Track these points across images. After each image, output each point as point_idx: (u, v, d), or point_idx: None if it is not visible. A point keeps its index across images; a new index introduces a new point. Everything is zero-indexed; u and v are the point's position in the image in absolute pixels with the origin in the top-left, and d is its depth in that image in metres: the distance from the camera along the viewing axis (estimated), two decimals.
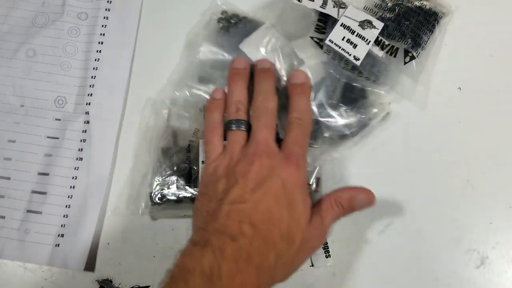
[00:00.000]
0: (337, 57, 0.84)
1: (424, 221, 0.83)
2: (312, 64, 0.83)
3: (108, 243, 0.83)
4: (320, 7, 0.85)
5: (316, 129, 0.82)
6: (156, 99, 0.87)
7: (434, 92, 0.87)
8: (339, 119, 0.82)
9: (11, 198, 0.85)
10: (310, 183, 0.81)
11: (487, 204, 0.83)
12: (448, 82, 0.88)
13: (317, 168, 0.82)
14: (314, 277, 0.81)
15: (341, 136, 0.83)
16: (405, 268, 0.82)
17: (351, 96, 0.83)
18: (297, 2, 0.84)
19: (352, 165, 0.85)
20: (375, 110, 0.83)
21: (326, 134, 0.82)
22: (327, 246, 0.80)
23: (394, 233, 0.82)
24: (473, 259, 0.81)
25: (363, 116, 0.83)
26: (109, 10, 0.94)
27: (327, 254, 0.80)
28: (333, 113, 0.82)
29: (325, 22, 0.86)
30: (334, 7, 0.85)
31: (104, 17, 0.93)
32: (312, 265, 0.79)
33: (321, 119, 0.82)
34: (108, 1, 0.94)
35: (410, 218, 0.83)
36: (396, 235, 0.82)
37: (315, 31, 0.85)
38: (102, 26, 0.93)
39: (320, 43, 0.85)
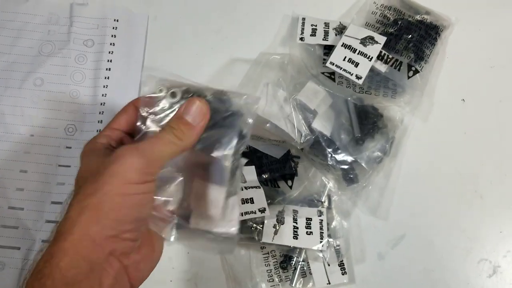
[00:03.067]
0: (351, 83, 0.85)
1: (435, 233, 0.84)
2: (323, 112, 0.83)
3: None
4: (323, 39, 0.86)
5: (354, 168, 0.83)
6: None
7: (438, 105, 0.88)
8: (369, 148, 0.84)
9: (25, 228, 0.85)
10: (323, 200, 0.82)
11: (495, 213, 0.85)
12: (452, 94, 0.89)
13: (328, 187, 0.83)
14: None
15: (379, 160, 0.84)
16: (419, 281, 0.83)
17: (369, 122, 0.84)
18: (300, 42, 0.86)
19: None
20: (394, 127, 0.85)
21: (366, 166, 0.83)
22: (343, 263, 0.81)
23: (406, 246, 0.84)
24: (485, 269, 0.83)
25: (387, 134, 0.85)
26: (115, 36, 0.94)
27: (343, 271, 0.81)
28: (362, 147, 0.84)
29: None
30: (336, 35, 0.86)
31: (111, 44, 0.94)
32: (329, 283, 0.80)
33: (356, 158, 0.83)
34: (113, 28, 0.95)
35: (421, 231, 0.84)
36: (409, 249, 0.84)
37: (324, 66, 0.85)
38: (109, 52, 0.93)
39: (331, 77, 0.86)
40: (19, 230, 0.85)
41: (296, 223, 0.79)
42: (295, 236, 0.78)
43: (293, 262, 0.81)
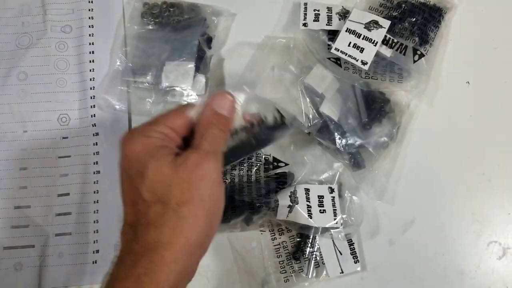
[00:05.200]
0: (357, 69, 0.84)
1: (445, 217, 0.84)
2: (330, 96, 0.82)
3: None
4: (327, 25, 0.85)
5: (361, 153, 0.83)
6: None
7: (443, 88, 0.88)
8: (376, 133, 0.83)
9: (36, 225, 0.84)
10: (333, 188, 0.82)
11: (504, 195, 0.85)
12: (457, 77, 0.89)
13: (338, 174, 0.83)
14: (342, 283, 0.82)
15: (386, 145, 0.83)
16: (430, 265, 0.83)
17: (376, 107, 0.83)
18: (303, 27, 0.85)
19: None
20: (400, 112, 0.85)
21: (373, 151, 0.82)
22: (355, 252, 0.81)
23: (416, 231, 0.84)
24: (495, 251, 0.83)
25: (394, 119, 0.84)
26: (92, 18, 0.91)
27: (356, 260, 0.81)
28: (369, 131, 0.82)
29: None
30: (340, 19, 0.86)
31: (90, 26, 0.91)
32: (342, 272, 0.80)
33: (363, 143, 0.82)
34: (89, 9, 0.92)
35: (431, 215, 0.84)
36: (419, 234, 0.84)
37: (329, 51, 0.84)
38: (90, 35, 0.91)
39: (338, 62, 0.85)
40: (30, 228, 0.84)
41: (309, 201, 0.79)
42: (310, 215, 0.78)
43: (306, 253, 0.81)
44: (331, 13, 0.86)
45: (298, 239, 0.82)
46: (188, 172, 0.56)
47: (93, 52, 0.90)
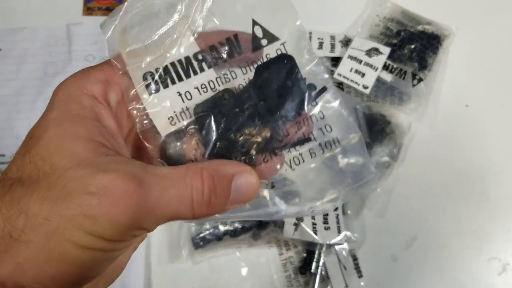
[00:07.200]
0: (358, 93, 0.88)
1: (446, 234, 0.87)
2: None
3: None
4: (330, 52, 0.90)
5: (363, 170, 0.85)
6: None
7: (444, 111, 0.91)
8: (378, 152, 0.87)
9: None
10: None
11: (503, 213, 0.87)
12: (456, 101, 0.92)
13: (343, 194, 0.85)
14: None
15: (387, 164, 0.87)
16: (433, 281, 0.85)
17: (377, 128, 0.87)
18: None
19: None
20: (401, 133, 0.88)
21: (374, 170, 0.85)
22: (359, 267, 0.83)
23: (419, 248, 0.86)
24: (495, 267, 0.85)
25: (395, 140, 0.88)
26: None
27: (359, 274, 0.83)
28: (371, 151, 0.86)
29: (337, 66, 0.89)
30: (342, 47, 0.90)
31: None
32: (347, 286, 0.82)
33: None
34: None
35: (432, 233, 0.87)
36: (421, 250, 0.86)
37: (332, 76, 0.88)
38: None
39: (340, 86, 0.89)
40: None
41: (314, 219, 0.82)
42: (315, 232, 0.81)
43: (312, 268, 0.83)
44: (334, 41, 0.91)
45: (304, 255, 0.84)
46: (79, 183, 0.35)
47: None
